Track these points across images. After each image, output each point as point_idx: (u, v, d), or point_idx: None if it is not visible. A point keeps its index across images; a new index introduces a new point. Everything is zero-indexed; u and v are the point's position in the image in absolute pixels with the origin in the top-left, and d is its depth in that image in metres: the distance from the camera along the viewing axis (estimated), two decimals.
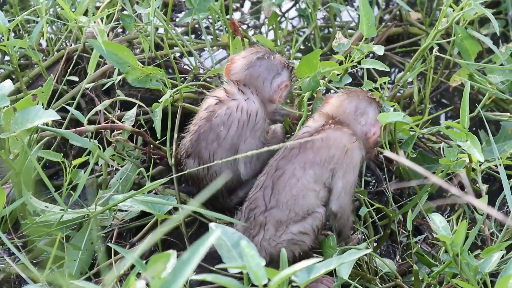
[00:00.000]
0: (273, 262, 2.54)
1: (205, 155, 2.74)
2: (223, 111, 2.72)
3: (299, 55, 3.86)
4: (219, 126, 2.72)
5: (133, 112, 2.99)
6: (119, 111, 3.18)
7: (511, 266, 2.22)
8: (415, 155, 3.02)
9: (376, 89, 2.90)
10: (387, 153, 2.47)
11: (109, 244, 2.25)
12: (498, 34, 3.09)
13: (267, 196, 2.57)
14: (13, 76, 3.49)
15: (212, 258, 2.61)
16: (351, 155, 2.59)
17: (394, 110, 2.79)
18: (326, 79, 2.96)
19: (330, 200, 2.60)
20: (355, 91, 2.73)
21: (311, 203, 2.56)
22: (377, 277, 2.66)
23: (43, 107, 2.46)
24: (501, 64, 3.18)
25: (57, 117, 2.42)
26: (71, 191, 2.74)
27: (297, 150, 2.58)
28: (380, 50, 2.92)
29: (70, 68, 3.17)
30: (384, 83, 2.89)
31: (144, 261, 1.83)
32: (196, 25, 4.01)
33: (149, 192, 2.77)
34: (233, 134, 2.71)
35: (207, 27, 4.08)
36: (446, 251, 2.42)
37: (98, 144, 2.78)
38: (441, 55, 3.19)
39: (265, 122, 2.77)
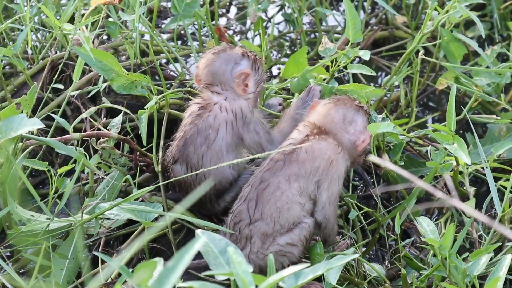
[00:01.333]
0: (262, 274, 2.53)
1: (193, 159, 2.73)
2: (207, 114, 2.72)
3: (286, 60, 3.86)
4: (206, 130, 2.71)
5: (119, 119, 2.98)
6: (105, 118, 3.16)
7: (499, 268, 2.22)
8: (403, 162, 3.02)
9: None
10: (372, 157, 2.46)
11: (95, 253, 2.24)
12: (484, 36, 3.10)
13: (251, 209, 2.55)
14: None
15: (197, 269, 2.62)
16: (336, 166, 2.57)
17: (383, 119, 2.78)
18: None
19: (315, 210, 2.59)
20: (342, 99, 2.70)
21: (297, 215, 2.54)
22: (366, 281, 2.65)
23: (27, 116, 2.44)
24: (487, 67, 3.19)
25: (42, 125, 2.41)
26: (57, 200, 2.72)
27: (282, 162, 2.56)
28: (366, 55, 2.92)
29: (56, 76, 3.15)
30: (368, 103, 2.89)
31: (131, 269, 1.81)
32: (182, 31, 4.00)
33: (136, 199, 2.76)
34: (224, 135, 2.70)
35: (192, 33, 4.07)
36: (434, 255, 2.41)
37: (84, 152, 2.76)
38: (427, 58, 3.20)
39: (253, 113, 2.76)
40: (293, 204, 2.54)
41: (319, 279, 2.53)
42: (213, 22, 3.54)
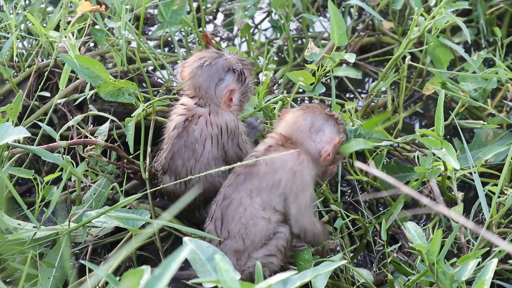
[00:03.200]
0: None
1: (182, 172, 2.72)
2: (193, 128, 2.69)
3: (273, 66, 3.86)
4: (193, 144, 2.69)
5: (106, 126, 2.97)
6: (91, 126, 3.15)
7: (486, 272, 2.22)
8: (392, 164, 3.02)
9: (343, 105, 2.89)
10: (358, 164, 2.45)
11: (82, 261, 2.23)
12: (470, 42, 3.11)
13: (218, 228, 2.52)
14: None
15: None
16: (300, 177, 2.50)
17: (356, 130, 2.75)
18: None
19: (289, 224, 2.54)
20: (312, 107, 2.63)
21: (264, 229, 2.50)
22: (354, 287, 2.65)
23: (12, 124, 2.43)
24: (474, 72, 3.20)
25: (27, 134, 2.39)
26: (44, 208, 2.71)
27: (243, 176, 2.51)
28: (351, 57, 2.92)
29: (42, 83, 3.14)
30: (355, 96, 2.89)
31: (119, 278, 1.80)
32: (169, 38, 4.00)
33: (124, 207, 2.74)
34: (210, 149, 2.69)
35: (179, 40, 4.07)
36: (422, 260, 2.41)
37: (71, 160, 2.75)
38: (414, 64, 3.21)
39: (239, 128, 2.74)
40: (258, 219, 2.49)
41: (307, 285, 2.53)
42: (200, 29, 3.54)
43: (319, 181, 2.75)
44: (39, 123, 2.86)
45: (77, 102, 3.21)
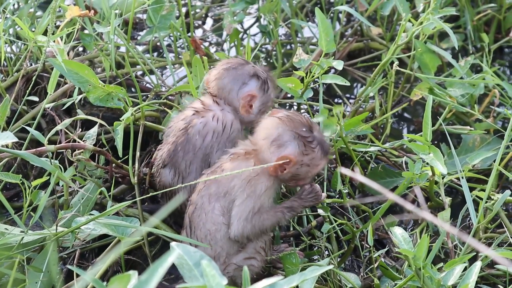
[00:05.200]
0: None
1: (181, 165, 2.73)
2: (198, 121, 2.72)
3: None
4: (194, 136, 2.71)
5: (94, 131, 2.96)
6: (80, 130, 3.15)
7: (469, 275, 2.23)
8: (379, 169, 3.03)
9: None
10: (343, 169, 2.45)
11: (69, 266, 2.22)
12: (457, 48, 3.13)
13: (188, 235, 2.53)
14: None
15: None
16: (255, 185, 2.48)
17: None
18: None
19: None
20: (289, 117, 2.52)
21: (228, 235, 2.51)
22: None
23: (0, 129, 2.42)
24: (461, 78, 3.21)
25: (15, 139, 2.39)
26: (31, 213, 2.70)
27: (203, 183, 2.53)
28: (339, 65, 2.93)
29: (30, 88, 3.14)
30: (343, 101, 2.90)
31: (106, 282, 1.80)
32: (158, 43, 4.00)
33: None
34: (207, 144, 2.70)
35: (168, 45, 4.07)
36: (409, 265, 2.42)
37: (59, 164, 2.74)
38: (402, 69, 3.22)
39: (241, 133, 2.75)
40: (220, 225, 2.50)
41: None
42: (189, 34, 3.54)
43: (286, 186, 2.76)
44: (27, 127, 2.85)
45: (65, 107, 3.21)
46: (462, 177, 2.64)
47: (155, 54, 4.06)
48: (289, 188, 2.90)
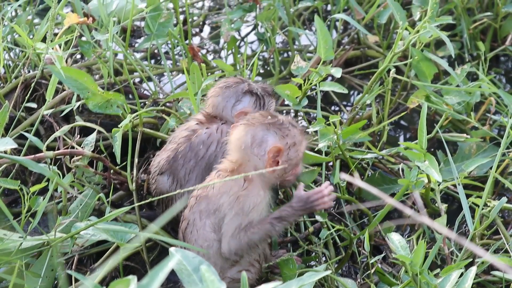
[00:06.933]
0: None
1: (181, 173, 2.74)
2: (203, 131, 2.74)
3: (259, 78, 3.89)
4: (198, 145, 2.72)
5: (92, 137, 2.97)
6: (78, 137, 3.16)
7: (465, 280, 2.25)
8: (376, 176, 3.04)
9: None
10: (343, 175, 2.44)
11: (68, 271, 2.23)
12: (454, 56, 3.14)
13: None
14: None
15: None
16: (244, 201, 2.44)
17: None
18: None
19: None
20: (252, 119, 2.50)
21: (220, 251, 2.49)
22: None
23: None
24: (457, 86, 3.22)
25: (14, 145, 2.40)
26: (30, 218, 2.71)
27: (195, 198, 2.52)
28: (337, 72, 2.95)
29: (28, 94, 3.15)
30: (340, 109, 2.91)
31: None
32: (156, 51, 4.01)
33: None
34: (211, 153, 2.72)
35: (166, 52, 4.09)
36: (406, 271, 2.43)
37: (58, 171, 2.75)
38: (399, 77, 3.23)
39: None
40: (211, 241, 2.48)
41: None
42: (187, 42, 3.55)
43: (281, 186, 2.75)
44: (26, 134, 2.86)
45: (63, 113, 3.22)
46: (459, 184, 2.65)
47: (153, 61, 4.07)
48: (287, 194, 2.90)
